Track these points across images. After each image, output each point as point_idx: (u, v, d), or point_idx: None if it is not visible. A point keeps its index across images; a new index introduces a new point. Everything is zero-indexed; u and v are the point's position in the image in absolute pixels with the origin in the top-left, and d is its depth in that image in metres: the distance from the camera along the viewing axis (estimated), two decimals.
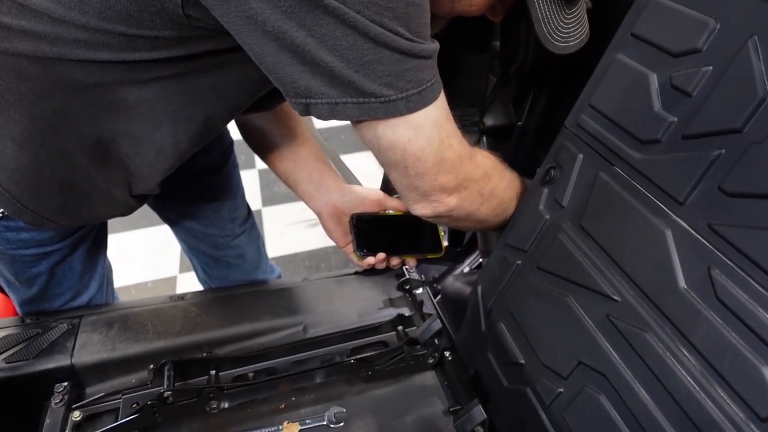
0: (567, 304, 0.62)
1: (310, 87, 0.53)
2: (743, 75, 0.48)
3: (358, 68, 0.52)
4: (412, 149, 0.60)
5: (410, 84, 0.55)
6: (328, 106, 0.54)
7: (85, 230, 0.88)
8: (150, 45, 0.56)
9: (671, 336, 0.51)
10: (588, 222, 0.62)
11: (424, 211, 0.68)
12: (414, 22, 0.52)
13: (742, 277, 0.46)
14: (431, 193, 0.65)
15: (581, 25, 0.68)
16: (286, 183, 0.92)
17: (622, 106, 0.60)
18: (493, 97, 0.94)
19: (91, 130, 0.65)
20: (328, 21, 0.48)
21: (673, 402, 0.49)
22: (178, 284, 2.07)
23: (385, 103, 0.55)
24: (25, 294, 0.88)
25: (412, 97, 0.56)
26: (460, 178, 0.66)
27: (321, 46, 0.50)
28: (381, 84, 0.53)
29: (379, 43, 0.51)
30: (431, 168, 0.62)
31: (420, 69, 0.55)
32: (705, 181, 0.50)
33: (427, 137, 0.60)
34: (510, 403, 0.72)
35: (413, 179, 0.64)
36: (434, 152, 0.61)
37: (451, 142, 0.62)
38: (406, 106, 0.56)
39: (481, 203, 0.71)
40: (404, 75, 0.54)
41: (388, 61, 0.52)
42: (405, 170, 0.63)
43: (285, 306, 0.92)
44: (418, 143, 0.60)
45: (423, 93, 0.56)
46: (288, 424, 0.76)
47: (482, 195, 0.71)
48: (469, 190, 0.68)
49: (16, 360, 0.77)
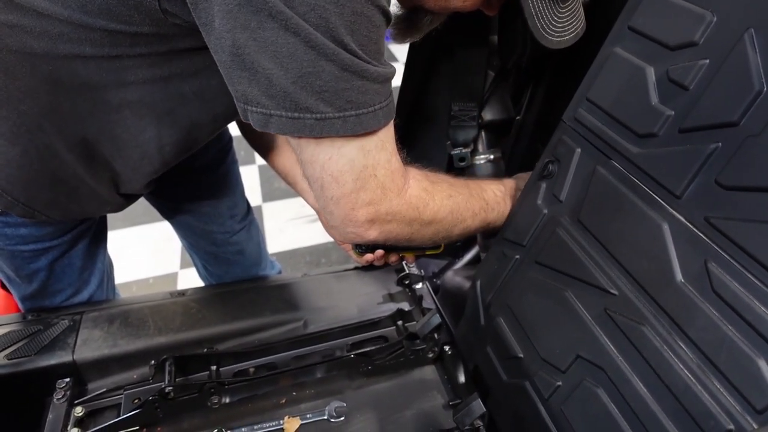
0: (565, 298, 0.63)
1: (247, 93, 0.52)
2: (740, 68, 0.48)
3: (296, 79, 0.50)
4: (330, 169, 0.57)
5: (349, 104, 0.52)
6: (263, 116, 0.53)
7: (84, 226, 0.88)
8: (130, 41, 0.56)
9: (668, 329, 0.51)
10: (586, 216, 0.63)
11: (336, 237, 0.64)
12: (360, 34, 0.50)
13: (739, 270, 0.46)
14: (346, 223, 0.62)
15: (576, 18, 0.68)
16: (284, 180, 0.92)
17: (620, 100, 0.60)
18: (492, 92, 0.94)
19: (76, 130, 0.65)
20: (272, 25, 0.47)
21: (671, 394, 0.50)
22: (179, 280, 2.07)
23: (320, 120, 0.52)
24: (25, 290, 0.89)
25: (350, 119, 0.53)
26: (381, 212, 0.62)
27: (262, 51, 0.49)
28: (318, 99, 0.51)
29: (320, 54, 0.49)
30: (348, 194, 0.59)
31: (363, 91, 0.52)
32: (702, 175, 0.50)
33: (349, 160, 0.57)
34: (509, 396, 0.73)
35: (329, 202, 0.61)
36: (354, 178, 0.58)
37: (376, 171, 0.59)
38: (343, 127, 0.53)
39: (411, 233, 0.68)
40: (343, 94, 0.52)
41: (328, 75, 0.50)
42: (321, 190, 0.60)
43: (285, 301, 0.93)
44: (338, 164, 0.57)
45: (363, 117, 0.54)
46: (289, 418, 0.76)
47: (411, 225, 0.67)
48: (394, 224, 0.64)
49: (17, 357, 0.77)
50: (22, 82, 0.59)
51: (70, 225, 0.85)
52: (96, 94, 0.61)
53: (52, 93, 0.60)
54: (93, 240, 0.93)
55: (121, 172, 0.73)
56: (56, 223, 0.82)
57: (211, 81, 0.62)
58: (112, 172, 0.72)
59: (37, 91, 0.60)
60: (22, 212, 0.73)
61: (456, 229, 0.73)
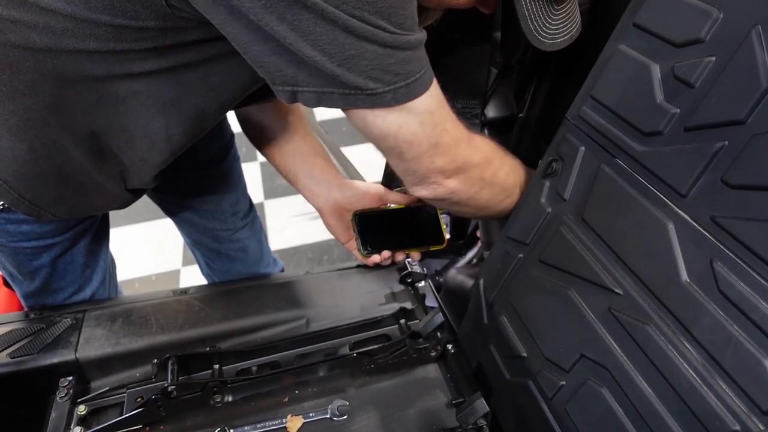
0: (569, 297, 0.62)
1: (297, 76, 0.53)
2: (746, 65, 0.47)
3: (341, 62, 0.51)
4: (404, 135, 0.60)
5: (397, 77, 0.54)
6: (315, 94, 0.54)
7: (86, 223, 0.88)
8: (136, 36, 0.55)
9: (673, 329, 0.51)
10: (590, 215, 0.62)
11: (424, 192, 0.68)
12: (396, 14, 0.51)
13: (745, 269, 0.46)
14: (429, 176, 0.65)
15: (571, 20, 0.67)
16: (286, 178, 0.92)
17: (624, 98, 0.59)
18: (494, 89, 0.93)
19: (84, 124, 0.65)
20: (307, 16, 0.48)
21: (675, 395, 0.49)
22: (181, 277, 2.08)
23: (371, 95, 0.54)
24: (28, 287, 0.89)
25: (400, 90, 0.55)
26: (459, 161, 0.65)
27: (302, 40, 0.49)
28: (366, 78, 0.53)
29: (360, 38, 0.50)
30: (426, 151, 0.62)
31: (407, 62, 0.54)
32: (708, 173, 0.50)
33: (420, 123, 0.59)
34: (512, 395, 0.73)
35: (410, 163, 0.64)
36: (428, 136, 0.61)
37: (445, 126, 0.62)
38: (394, 98, 0.55)
39: (482, 187, 0.71)
40: (390, 68, 0.53)
41: (371, 55, 0.51)
42: (400, 155, 0.63)
43: (288, 300, 0.93)
44: (410, 129, 0.59)
45: (411, 85, 0.56)
46: (291, 417, 0.76)
47: (483, 179, 0.70)
48: (469, 174, 0.68)
49: (21, 355, 0.78)
50: (27, 77, 0.59)
51: (73, 222, 0.85)
52: (102, 86, 0.61)
53: (57, 87, 0.60)
54: (95, 237, 0.93)
55: (129, 164, 0.72)
56: (59, 221, 0.82)
57: (217, 68, 0.62)
58: (120, 165, 0.72)
59: (41, 85, 0.60)
60: (28, 210, 0.73)
61: (508, 201, 0.76)
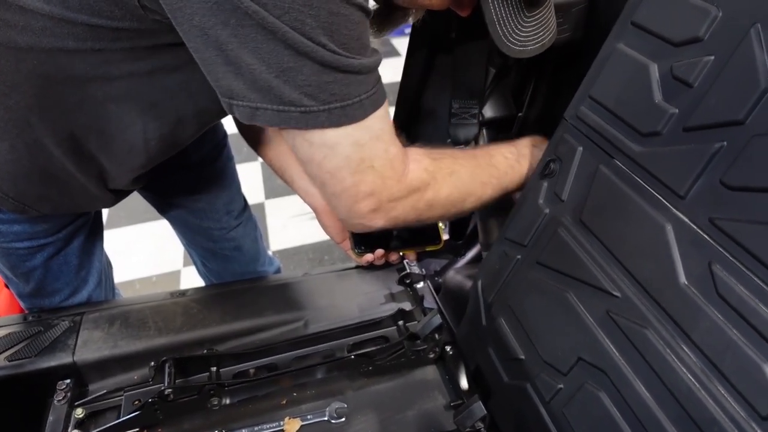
0: (567, 300, 0.62)
1: (232, 88, 0.52)
2: (746, 65, 0.47)
3: (278, 74, 0.50)
4: (327, 167, 0.58)
5: (333, 97, 0.53)
6: (249, 109, 0.53)
7: (79, 222, 0.88)
8: (113, 36, 0.55)
9: (671, 332, 0.50)
10: (588, 216, 0.61)
11: (333, 234, 0.66)
12: (339, 33, 0.50)
13: (744, 272, 0.45)
14: (351, 215, 0.63)
15: (544, 28, 0.65)
16: (282, 178, 0.92)
17: (622, 98, 0.59)
18: (492, 89, 0.92)
19: (63, 125, 0.65)
20: (250, 23, 0.47)
21: (674, 399, 0.49)
22: (182, 278, 2.08)
23: (305, 113, 0.53)
24: (23, 289, 0.89)
25: (335, 111, 0.53)
26: (384, 200, 0.62)
27: (243, 47, 0.49)
28: (301, 93, 0.51)
29: (299, 52, 0.49)
30: (348, 188, 0.59)
31: (346, 83, 0.53)
32: (706, 175, 0.49)
33: (345, 157, 0.57)
34: (510, 398, 0.72)
35: (331, 198, 0.61)
36: (351, 172, 0.58)
37: (373, 163, 0.59)
38: (328, 119, 0.54)
39: (418, 215, 0.67)
40: (326, 87, 0.52)
41: (309, 71, 0.50)
42: (322, 187, 0.60)
43: (286, 301, 0.92)
44: (333, 162, 0.57)
45: (348, 108, 0.54)
46: (289, 419, 0.76)
47: (417, 209, 0.66)
48: (398, 209, 0.64)
49: (18, 358, 0.77)
50: (8, 77, 0.59)
51: (65, 222, 0.85)
52: (82, 88, 0.61)
53: (38, 87, 0.60)
54: (89, 238, 0.93)
55: (108, 167, 0.73)
56: (50, 220, 0.82)
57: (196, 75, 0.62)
58: (99, 167, 0.73)
59: (23, 85, 0.60)
60: (13, 207, 0.73)
61: (467, 203, 0.72)
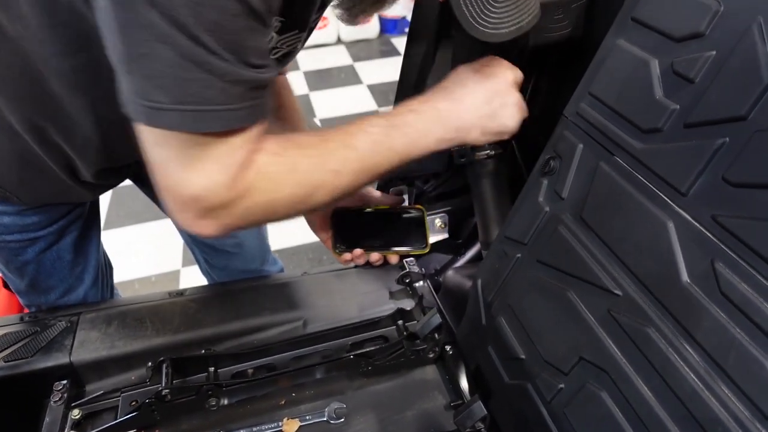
0: (567, 299, 0.61)
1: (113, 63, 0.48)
2: (748, 60, 0.46)
3: (132, 59, 0.45)
4: (154, 156, 0.52)
5: (190, 98, 0.46)
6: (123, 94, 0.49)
7: (70, 218, 0.88)
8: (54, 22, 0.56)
9: (674, 331, 0.50)
10: (588, 214, 0.61)
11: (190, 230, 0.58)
12: (206, 20, 0.43)
13: (747, 270, 0.44)
14: (176, 217, 0.56)
15: (521, 10, 0.59)
16: None
17: (623, 94, 0.58)
18: None
19: (27, 115, 0.67)
20: None
21: (676, 399, 0.48)
22: (181, 278, 2.07)
23: (153, 109, 0.47)
24: (18, 285, 0.89)
25: (188, 114, 0.47)
26: (209, 207, 0.54)
27: (103, 23, 0.45)
28: (152, 85, 0.45)
29: (153, 35, 0.43)
30: (173, 187, 0.53)
31: (207, 86, 0.46)
32: (708, 171, 0.49)
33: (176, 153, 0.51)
34: (511, 398, 0.71)
35: (161, 191, 0.55)
36: (179, 170, 0.52)
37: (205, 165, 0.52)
38: (178, 121, 0.47)
39: (255, 221, 0.60)
40: (183, 84, 0.46)
41: (165, 61, 0.44)
42: (153, 175, 0.54)
43: (285, 301, 0.91)
44: (161, 154, 0.52)
45: (204, 114, 0.47)
46: (288, 420, 0.75)
47: (249, 214, 0.58)
48: (226, 217, 0.56)
49: (15, 358, 0.77)
50: None
51: (56, 216, 0.85)
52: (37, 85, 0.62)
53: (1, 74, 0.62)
54: (82, 234, 0.92)
55: (71, 156, 0.73)
56: (40, 213, 0.82)
57: None
58: (65, 157, 0.73)
59: None
60: None
61: (317, 197, 0.61)
